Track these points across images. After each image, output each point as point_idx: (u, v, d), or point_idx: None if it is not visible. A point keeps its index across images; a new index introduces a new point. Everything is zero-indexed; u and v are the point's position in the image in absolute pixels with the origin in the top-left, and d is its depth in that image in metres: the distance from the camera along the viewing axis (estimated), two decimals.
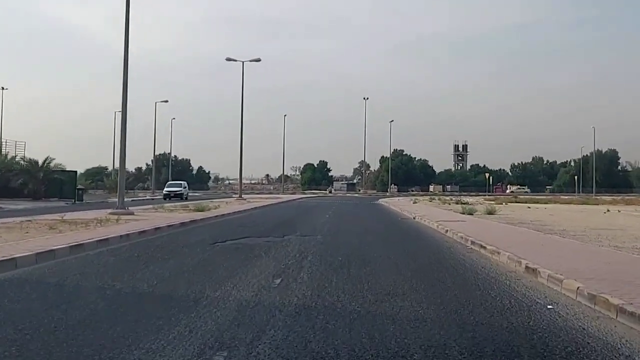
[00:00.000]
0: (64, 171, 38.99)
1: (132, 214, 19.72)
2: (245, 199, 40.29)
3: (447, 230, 16.01)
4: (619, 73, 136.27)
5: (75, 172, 39.26)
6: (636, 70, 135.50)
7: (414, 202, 41.45)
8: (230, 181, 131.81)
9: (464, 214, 25.12)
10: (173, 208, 24.89)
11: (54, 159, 38.46)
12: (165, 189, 46.46)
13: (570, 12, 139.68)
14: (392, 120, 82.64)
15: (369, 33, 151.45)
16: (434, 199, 49.39)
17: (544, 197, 57.28)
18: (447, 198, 47.58)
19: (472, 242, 12.67)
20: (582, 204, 44.24)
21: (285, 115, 78.93)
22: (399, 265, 9.31)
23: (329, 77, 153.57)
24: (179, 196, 42.85)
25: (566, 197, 58.96)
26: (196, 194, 63.92)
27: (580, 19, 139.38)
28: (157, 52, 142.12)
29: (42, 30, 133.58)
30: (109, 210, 20.00)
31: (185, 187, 46.90)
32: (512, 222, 19.43)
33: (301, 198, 54.69)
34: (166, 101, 60.57)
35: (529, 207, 34.40)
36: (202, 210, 22.78)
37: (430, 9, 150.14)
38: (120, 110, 21.16)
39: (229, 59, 40.31)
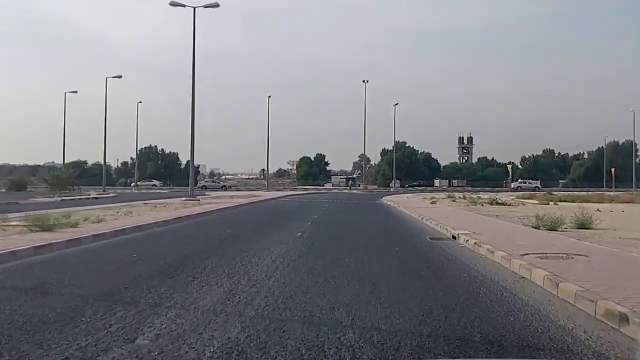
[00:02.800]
0: None
1: None
2: (197, 200, 28.45)
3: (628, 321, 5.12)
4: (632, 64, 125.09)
5: None
6: None
7: (432, 202, 30.27)
8: (227, 176, 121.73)
9: (537, 228, 14.27)
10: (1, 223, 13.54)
11: None
12: None
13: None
14: (397, 104, 71.52)
15: (369, 24, 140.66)
16: (453, 196, 37.81)
17: (584, 192, 46.14)
18: (475, 196, 35.97)
19: None
20: None
21: (269, 97, 67.47)
22: None
23: (327, 70, 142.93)
24: None
25: (611, 193, 47.71)
26: (160, 191, 52.84)
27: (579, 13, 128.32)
28: (151, 42, 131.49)
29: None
30: None
31: None
32: None
33: (286, 197, 43.41)
34: (120, 76, 49.20)
35: (599, 210, 23.56)
36: (49, 230, 11.77)
37: None
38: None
39: (173, 4, 28.98)
